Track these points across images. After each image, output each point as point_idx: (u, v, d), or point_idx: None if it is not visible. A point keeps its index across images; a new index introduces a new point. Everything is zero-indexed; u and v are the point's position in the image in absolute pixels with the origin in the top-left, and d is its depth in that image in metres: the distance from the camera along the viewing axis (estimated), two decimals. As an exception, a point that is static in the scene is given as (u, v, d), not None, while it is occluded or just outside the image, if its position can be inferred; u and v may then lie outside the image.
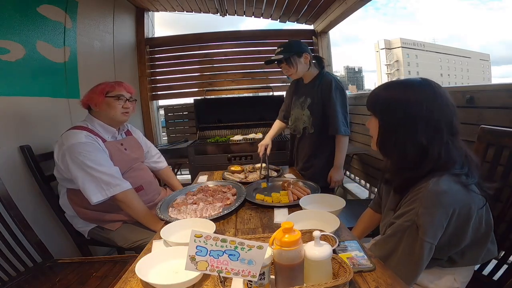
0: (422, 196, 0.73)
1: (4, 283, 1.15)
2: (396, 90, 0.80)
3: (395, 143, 0.78)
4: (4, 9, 1.50)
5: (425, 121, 0.75)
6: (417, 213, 0.73)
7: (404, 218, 0.76)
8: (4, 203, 1.24)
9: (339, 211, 1.07)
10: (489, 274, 0.98)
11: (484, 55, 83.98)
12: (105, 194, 1.29)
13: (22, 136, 1.55)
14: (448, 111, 0.76)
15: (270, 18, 3.39)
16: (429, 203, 0.72)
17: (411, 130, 0.75)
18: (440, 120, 0.75)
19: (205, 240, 0.60)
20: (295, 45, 1.64)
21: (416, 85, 0.78)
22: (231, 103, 3.21)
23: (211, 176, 1.80)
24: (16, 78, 1.56)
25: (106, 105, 1.40)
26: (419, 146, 0.76)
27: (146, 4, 3.11)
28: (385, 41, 74.48)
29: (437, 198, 0.71)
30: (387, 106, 0.80)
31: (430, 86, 0.77)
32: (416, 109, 0.75)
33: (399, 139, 0.77)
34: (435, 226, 0.72)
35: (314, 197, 1.21)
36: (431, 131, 0.75)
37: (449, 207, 0.72)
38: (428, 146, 0.75)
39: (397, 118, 0.77)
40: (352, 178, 3.30)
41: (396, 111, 0.77)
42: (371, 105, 0.85)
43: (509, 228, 0.94)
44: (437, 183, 0.72)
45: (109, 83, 1.44)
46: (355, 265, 0.74)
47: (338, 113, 1.59)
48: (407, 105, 0.76)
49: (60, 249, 1.57)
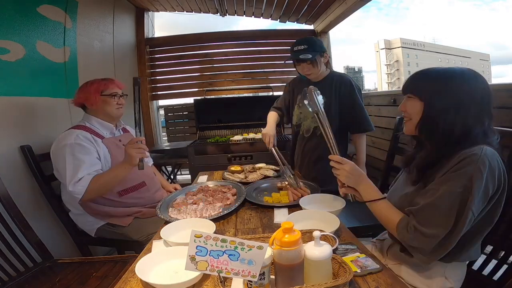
0: (475, 159, 0.72)
1: (4, 283, 1.15)
2: (447, 78, 0.82)
3: (441, 127, 0.80)
4: (4, 9, 1.50)
5: (473, 109, 0.78)
6: (471, 177, 0.71)
7: (452, 182, 0.73)
8: (4, 203, 1.24)
9: (339, 211, 1.07)
10: (489, 274, 0.98)
11: (484, 55, 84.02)
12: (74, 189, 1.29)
13: (22, 136, 1.55)
14: (490, 100, 0.80)
15: (270, 18, 3.39)
16: (483, 167, 0.71)
17: (459, 117, 0.78)
18: (484, 109, 0.79)
19: (205, 240, 0.60)
20: (319, 42, 1.58)
21: (467, 75, 0.81)
22: (231, 103, 3.21)
23: (211, 176, 1.80)
24: (16, 78, 1.56)
25: (102, 103, 1.45)
26: (463, 131, 0.78)
27: (146, 4, 3.11)
28: (385, 41, 74.44)
29: (491, 164, 0.72)
30: (438, 92, 0.81)
31: (476, 77, 0.81)
32: (467, 98, 0.78)
33: (446, 124, 0.79)
34: (481, 193, 0.71)
35: (314, 197, 1.21)
36: (476, 118, 0.78)
37: (497, 178, 0.73)
38: (470, 130, 0.78)
39: (448, 105, 0.79)
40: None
41: (448, 98, 0.80)
42: (417, 89, 0.86)
43: (509, 228, 0.94)
44: (489, 150, 0.73)
45: (102, 82, 1.47)
46: (362, 268, 0.73)
47: (365, 111, 1.63)
48: (460, 93, 0.79)
49: (60, 249, 1.57)
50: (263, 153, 2.57)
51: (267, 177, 1.62)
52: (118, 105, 1.50)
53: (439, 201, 0.74)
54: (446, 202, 0.73)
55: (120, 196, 1.44)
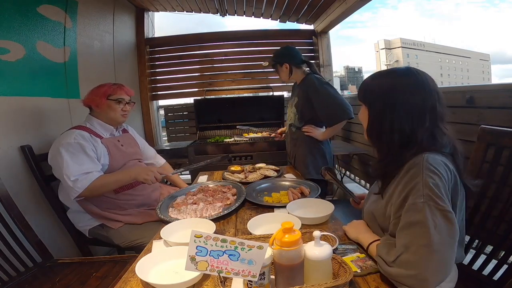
0: (421, 168, 0.69)
1: (4, 283, 1.15)
2: (380, 79, 0.82)
3: (382, 131, 0.80)
4: (4, 9, 1.50)
5: (407, 108, 0.76)
6: (425, 183, 0.66)
7: (412, 199, 0.67)
8: (4, 203, 1.24)
9: (328, 217, 1.04)
10: (489, 274, 0.98)
11: (484, 55, 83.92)
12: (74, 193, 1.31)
13: (22, 136, 1.55)
14: (431, 98, 0.77)
15: (270, 18, 3.39)
16: (431, 171, 0.68)
17: (394, 117, 0.77)
18: (422, 106, 0.76)
19: (205, 240, 0.60)
20: (282, 53, 1.85)
21: (399, 73, 0.80)
22: (231, 103, 3.21)
23: (211, 176, 1.80)
24: (16, 78, 1.56)
25: (107, 107, 1.47)
26: (403, 133, 0.76)
27: (146, 4, 3.11)
28: (385, 41, 74.45)
29: (435, 165, 0.69)
30: (373, 94, 0.82)
31: (412, 74, 0.79)
32: (397, 96, 0.76)
33: (385, 126, 0.78)
34: (443, 191, 0.66)
35: (302, 202, 1.17)
36: (414, 118, 0.76)
37: (446, 174, 0.69)
38: (411, 133, 0.76)
39: (382, 106, 0.79)
40: (352, 178, 3.30)
41: (380, 99, 0.79)
42: (361, 95, 0.86)
43: (509, 228, 0.94)
44: (431, 156, 0.71)
45: (111, 86, 1.49)
46: (362, 268, 0.73)
47: (337, 101, 1.68)
48: (390, 93, 0.78)
49: (60, 249, 1.57)
50: (263, 153, 2.58)
51: (267, 177, 1.62)
52: (123, 112, 1.51)
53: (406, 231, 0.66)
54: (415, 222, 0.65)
55: (115, 194, 1.45)
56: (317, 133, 1.79)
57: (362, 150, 2.68)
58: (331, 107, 1.69)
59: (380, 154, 0.84)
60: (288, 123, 1.97)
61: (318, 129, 1.81)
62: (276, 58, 1.85)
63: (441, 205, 0.65)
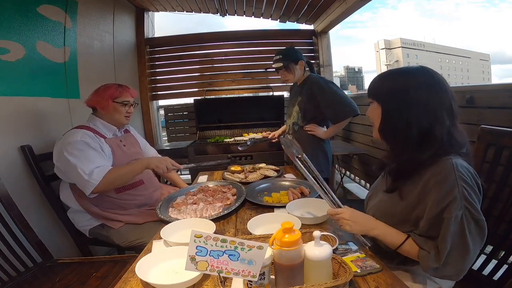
0: (454, 178, 0.71)
1: (4, 283, 1.15)
2: (397, 77, 0.82)
3: (398, 128, 0.80)
4: (4, 9, 1.50)
5: (425, 105, 0.77)
6: (463, 195, 0.70)
7: (454, 211, 0.70)
8: (4, 203, 1.24)
9: (328, 217, 1.04)
10: (489, 274, 0.98)
11: (484, 55, 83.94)
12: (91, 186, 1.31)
13: (22, 136, 1.55)
14: (447, 96, 0.78)
15: (270, 18, 3.39)
16: (464, 181, 0.71)
17: (412, 115, 0.77)
18: (440, 104, 0.77)
19: (205, 240, 0.60)
20: (293, 52, 1.84)
21: (416, 72, 0.80)
22: (231, 103, 3.22)
23: (211, 176, 1.80)
24: (16, 78, 1.56)
25: (113, 109, 1.48)
26: (421, 130, 0.77)
27: (146, 4, 3.11)
28: (385, 41, 74.48)
29: (466, 174, 0.72)
30: (389, 92, 0.81)
31: (428, 73, 0.80)
32: (416, 94, 0.77)
33: (400, 124, 0.79)
34: (476, 199, 0.72)
35: (302, 202, 1.17)
36: (432, 115, 0.77)
37: (475, 182, 0.73)
38: (430, 130, 0.77)
39: (396, 103, 0.79)
40: (352, 178, 3.30)
41: (395, 96, 0.80)
42: (373, 93, 0.86)
43: (509, 228, 0.94)
44: (459, 163, 0.73)
45: (117, 89, 1.49)
46: (362, 268, 0.73)
47: (342, 99, 1.72)
48: (408, 90, 0.78)
49: (60, 249, 1.57)
50: (263, 153, 2.58)
51: (267, 177, 1.62)
52: (127, 114, 1.53)
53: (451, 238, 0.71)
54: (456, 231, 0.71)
55: (117, 193, 1.45)
56: (320, 132, 1.82)
57: (362, 150, 2.68)
58: (337, 104, 1.72)
59: (393, 152, 0.84)
60: (290, 122, 1.99)
61: (321, 128, 1.84)
62: (289, 57, 1.81)
63: (476, 215, 0.71)
